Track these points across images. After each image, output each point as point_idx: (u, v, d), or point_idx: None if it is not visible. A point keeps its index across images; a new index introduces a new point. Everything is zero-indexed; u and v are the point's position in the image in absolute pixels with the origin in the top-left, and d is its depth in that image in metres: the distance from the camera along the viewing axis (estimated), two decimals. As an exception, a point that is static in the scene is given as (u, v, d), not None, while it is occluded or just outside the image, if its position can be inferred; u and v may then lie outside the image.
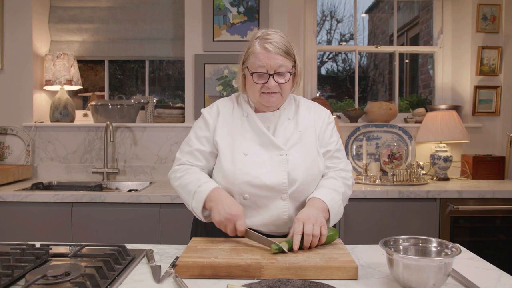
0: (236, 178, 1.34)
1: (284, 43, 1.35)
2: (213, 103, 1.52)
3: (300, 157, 1.37)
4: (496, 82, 2.99)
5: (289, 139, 1.40)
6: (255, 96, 1.39)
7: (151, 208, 2.23)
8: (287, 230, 1.38)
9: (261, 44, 1.34)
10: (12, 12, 2.81)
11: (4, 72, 2.83)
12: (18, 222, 2.24)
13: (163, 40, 3.00)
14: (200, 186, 1.33)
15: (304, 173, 1.36)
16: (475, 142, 2.98)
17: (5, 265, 1.03)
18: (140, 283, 1.04)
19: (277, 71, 1.34)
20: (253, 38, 1.38)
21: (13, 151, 2.85)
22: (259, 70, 1.34)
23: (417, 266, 0.95)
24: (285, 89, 1.38)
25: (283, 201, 1.35)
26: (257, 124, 1.40)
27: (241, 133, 1.41)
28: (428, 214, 2.36)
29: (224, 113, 1.45)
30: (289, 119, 1.44)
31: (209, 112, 1.47)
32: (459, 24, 3.09)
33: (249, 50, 1.38)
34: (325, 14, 6.13)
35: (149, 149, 2.83)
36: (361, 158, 2.87)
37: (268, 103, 1.38)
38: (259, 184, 1.34)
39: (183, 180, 1.39)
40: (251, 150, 1.37)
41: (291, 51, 1.37)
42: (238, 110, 1.46)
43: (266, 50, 1.33)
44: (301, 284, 0.97)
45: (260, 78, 1.35)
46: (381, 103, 2.98)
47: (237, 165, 1.35)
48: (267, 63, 1.33)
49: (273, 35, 1.36)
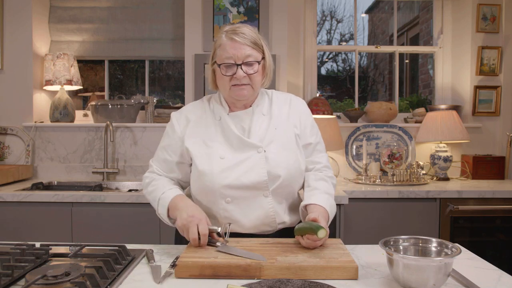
0: (215, 182, 1.32)
1: (251, 34, 1.34)
2: (182, 108, 1.49)
3: (280, 153, 1.36)
4: (496, 82, 2.99)
5: (265, 136, 1.38)
6: (225, 90, 1.36)
7: (151, 208, 2.20)
8: (277, 226, 1.37)
9: (227, 35, 1.33)
10: (12, 12, 2.81)
11: (4, 72, 2.82)
12: (18, 222, 2.24)
13: (163, 40, 3.00)
14: (164, 193, 1.35)
15: (285, 168, 1.34)
16: (475, 142, 2.98)
17: (5, 265, 1.03)
18: (140, 283, 1.04)
19: (245, 61, 1.32)
20: (220, 32, 1.37)
21: (13, 151, 2.85)
22: (226, 61, 1.32)
23: (417, 266, 0.95)
24: (255, 81, 1.35)
25: (266, 198, 1.34)
26: (230, 128, 1.38)
27: (215, 139, 1.38)
28: (428, 214, 2.36)
29: (193, 120, 1.43)
30: (264, 115, 1.42)
31: (177, 118, 1.46)
32: (459, 24, 3.09)
33: (216, 44, 1.37)
34: (325, 14, 6.13)
35: (149, 149, 2.83)
36: (361, 158, 2.87)
37: (239, 96, 1.35)
38: (239, 185, 1.32)
39: (149, 188, 1.42)
40: (227, 153, 1.35)
41: (259, 42, 1.36)
42: (209, 114, 1.43)
43: (233, 40, 1.32)
44: (301, 284, 0.97)
45: (228, 70, 1.33)
46: (381, 103, 2.98)
47: (214, 169, 1.33)
48: (234, 53, 1.31)
49: (240, 27, 1.35)
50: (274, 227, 1.38)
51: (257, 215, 1.35)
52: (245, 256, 1.11)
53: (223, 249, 1.17)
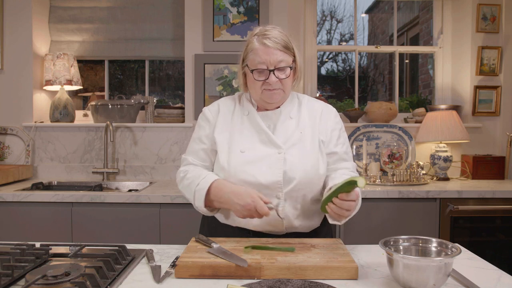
0: (231, 175, 1.34)
1: (283, 38, 1.34)
2: (216, 101, 1.52)
3: (299, 157, 1.35)
4: (496, 82, 2.99)
5: (289, 138, 1.38)
6: (257, 93, 1.38)
7: (151, 208, 2.23)
8: (284, 229, 1.37)
9: (259, 40, 1.33)
10: (12, 12, 2.81)
11: (4, 72, 2.83)
12: (18, 222, 2.24)
13: (163, 40, 3.00)
14: (198, 184, 1.34)
15: (301, 172, 1.33)
16: (475, 142, 2.98)
17: (5, 265, 1.03)
18: (140, 283, 1.04)
19: (277, 67, 1.33)
20: (251, 36, 1.37)
21: (13, 151, 2.85)
22: (259, 66, 1.33)
23: (417, 266, 0.95)
24: (286, 85, 1.36)
25: (278, 200, 1.33)
26: (257, 121, 1.39)
27: (239, 130, 1.40)
28: (428, 214, 2.36)
29: (224, 111, 1.45)
30: (291, 118, 1.42)
31: (210, 109, 1.48)
32: (459, 24, 3.09)
33: (247, 48, 1.37)
34: (325, 14, 6.13)
35: (149, 149, 2.83)
36: (361, 158, 2.87)
37: (270, 99, 1.37)
38: (254, 183, 1.32)
39: (185, 181, 1.41)
40: (249, 147, 1.36)
41: (290, 45, 1.35)
42: (239, 109, 1.45)
43: (265, 45, 1.32)
44: (301, 284, 0.97)
45: (261, 75, 1.34)
46: (381, 103, 2.98)
47: (232, 162, 1.35)
48: (266, 59, 1.32)
49: (271, 30, 1.35)
50: (281, 230, 1.38)
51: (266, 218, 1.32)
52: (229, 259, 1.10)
53: (213, 251, 1.16)
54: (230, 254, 1.14)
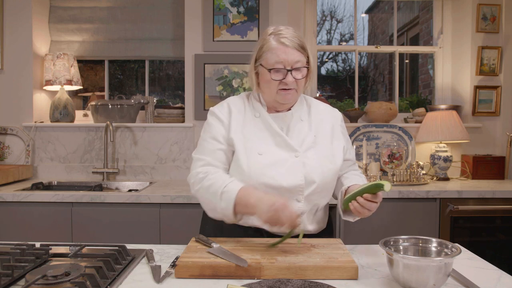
0: (252, 178, 1.31)
1: (298, 38, 1.34)
2: (223, 101, 1.47)
3: (316, 161, 1.35)
4: (496, 82, 2.99)
5: (304, 141, 1.37)
6: (271, 93, 1.36)
7: (151, 208, 2.23)
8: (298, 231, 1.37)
9: (277, 39, 1.32)
10: (12, 12, 2.81)
11: (4, 72, 2.83)
12: (18, 222, 2.24)
13: (163, 40, 3.00)
14: (226, 186, 1.25)
15: (320, 175, 1.34)
16: (475, 142, 2.98)
17: (5, 265, 1.03)
18: (140, 283, 1.04)
19: (294, 67, 1.32)
20: (265, 35, 1.36)
21: (13, 151, 2.85)
22: (276, 66, 1.32)
23: (417, 266, 0.95)
24: (300, 85, 1.36)
25: (298, 203, 1.33)
26: (270, 125, 1.37)
27: (253, 132, 1.37)
28: (428, 214, 2.36)
29: (235, 111, 1.41)
30: (302, 120, 1.42)
31: (220, 110, 1.42)
32: (459, 24, 3.09)
33: (264, 47, 1.35)
34: (325, 14, 6.13)
35: (149, 149, 2.83)
36: (361, 158, 2.87)
37: (284, 100, 1.36)
38: (275, 186, 1.30)
39: (206, 182, 1.31)
40: (265, 150, 1.34)
41: (305, 45, 1.35)
42: (249, 109, 1.42)
43: (284, 45, 1.31)
44: (301, 284, 0.97)
45: (278, 74, 1.32)
46: (381, 103, 2.98)
47: (252, 165, 1.31)
48: (284, 58, 1.30)
49: (285, 30, 1.34)
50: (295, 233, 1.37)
51: None
52: (229, 259, 1.09)
53: (213, 251, 1.16)
54: (230, 254, 1.14)
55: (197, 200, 1.37)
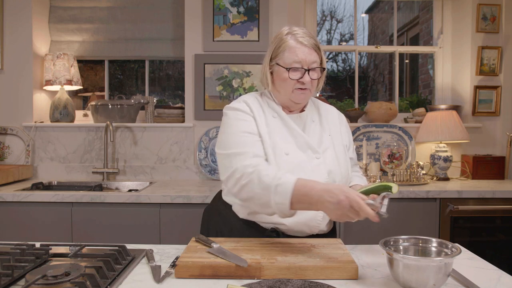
0: None
1: (314, 38, 1.35)
2: (238, 98, 1.43)
3: (335, 161, 1.37)
4: (496, 82, 2.99)
5: (321, 142, 1.38)
6: (286, 92, 1.36)
7: (151, 208, 2.23)
8: (317, 231, 1.36)
9: (295, 39, 1.32)
10: (12, 12, 2.81)
11: (4, 72, 2.83)
12: (18, 222, 2.24)
13: (163, 40, 3.00)
14: (280, 179, 1.17)
15: (339, 175, 1.36)
16: (475, 142, 2.98)
17: (5, 265, 1.03)
18: (140, 283, 1.03)
19: (310, 67, 1.33)
20: (281, 35, 1.36)
21: (13, 151, 2.85)
22: (294, 65, 1.32)
23: (417, 266, 0.95)
24: (314, 86, 1.37)
25: None
26: (290, 124, 1.37)
27: (275, 131, 1.35)
28: (428, 214, 2.36)
29: (254, 109, 1.37)
30: (313, 121, 1.43)
31: (242, 106, 1.37)
32: (459, 24, 3.09)
33: (281, 46, 1.34)
34: (325, 14, 6.13)
35: (149, 149, 2.83)
36: (361, 158, 2.87)
37: (299, 99, 1.36)
38: None
39: (254, 175, 1.21)
40: (290, 150, 1.33)
41: (319, 45, 1.37)
42: (266, 108, 1.40)
43: (302, 44, 1.32)
44: (301, 284, 0.97)
45: (296, 74, 1.33)
46: (381, 103, 2.98)
47: (281, 165, 1.29)
48: (303, 58, 1.31)
49: (301, 30, 1.35)
50: (312, 232, 1.36)
51: (305, 216, 1.31)
52: (229, 259, 1.09)
53: (213, 251, 1.16)
54: (230, 254, 1.14)
55: (197, 200, 1.37)
